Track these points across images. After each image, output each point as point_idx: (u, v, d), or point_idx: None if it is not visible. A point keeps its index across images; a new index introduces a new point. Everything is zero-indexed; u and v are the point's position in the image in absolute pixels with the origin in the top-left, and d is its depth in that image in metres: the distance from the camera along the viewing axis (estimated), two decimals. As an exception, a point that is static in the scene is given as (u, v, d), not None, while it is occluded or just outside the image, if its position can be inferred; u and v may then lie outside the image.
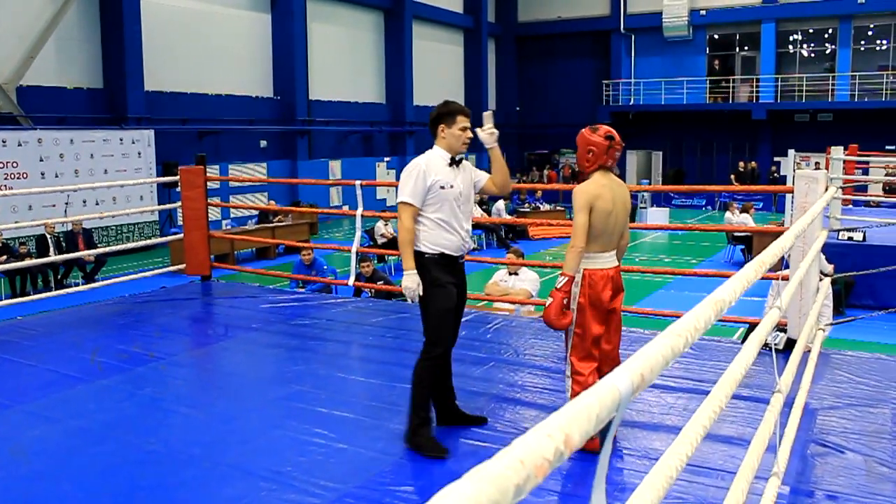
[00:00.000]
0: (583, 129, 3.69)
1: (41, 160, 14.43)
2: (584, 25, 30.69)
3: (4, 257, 11.45)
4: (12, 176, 13.93)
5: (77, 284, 11.71)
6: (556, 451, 0.77)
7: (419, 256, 3.64)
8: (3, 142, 13.83)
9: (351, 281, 7.10)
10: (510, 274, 7.69)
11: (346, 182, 7.29)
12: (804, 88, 27.15)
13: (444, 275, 3.64)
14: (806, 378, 3.91)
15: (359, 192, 6.70)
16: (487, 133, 3.74)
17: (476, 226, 16.76)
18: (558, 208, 21.21)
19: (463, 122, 3.68)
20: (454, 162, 3.71)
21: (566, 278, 3.48)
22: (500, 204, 18.26)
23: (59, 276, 12.30)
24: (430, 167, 3.64)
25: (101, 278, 12.05)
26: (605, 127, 3.66)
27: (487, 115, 3.80)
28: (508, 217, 17.76)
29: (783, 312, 2.60)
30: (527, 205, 20.18)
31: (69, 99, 16.19)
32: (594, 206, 3.50)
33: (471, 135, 3.73)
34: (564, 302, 3.49)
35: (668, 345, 1.17)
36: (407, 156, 26.08)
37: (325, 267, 9.72)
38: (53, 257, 10.61)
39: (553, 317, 3.46)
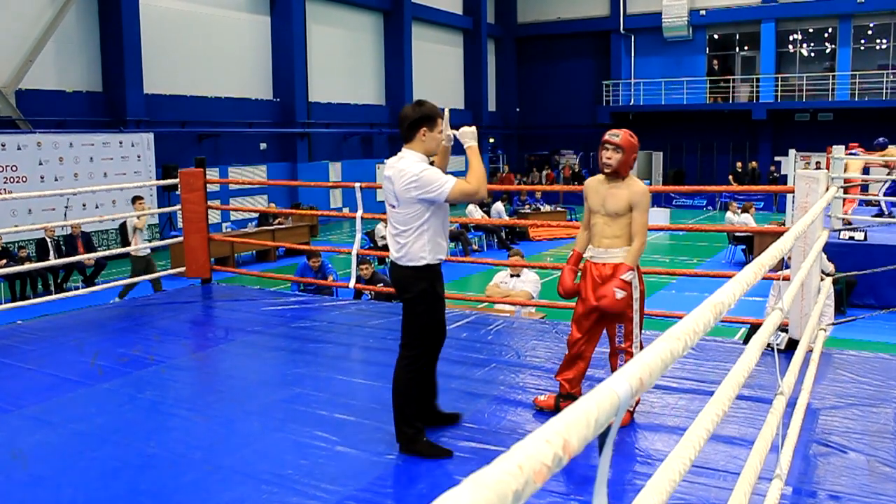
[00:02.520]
0: (625, 134, 3.85)
1: (40, 164, 14.43)
2: (584, 26, 30.70)
3: (4, 261, 11.44)
4: (11, 180, 13.94)
5: (77, 288, 11.70)
6: (554, 456, 0.76)
7: (425, 269, 3.54)
8: (3, 145, 13.82)
9: (352, 283, 7.10)
10: (511, 276, 7.68)
11: (346, 185, 7.29)
12: (804, 88, 27.15)
13: (441, 286, 3.65)
14: (808, 378, 3.90)
15: (358, 194, 6.69)
16: (471, 130, 3.63)
17: (476, 227, 16.76)
18: (559, 209, 21.20)
19: (440, 125, 3.61)
20: None
21: (635, 274, 3.79)
22: (500, 205, 18.26)
23: (58, 280, 12.29)
24: None
25: (100, 281, 12.04)
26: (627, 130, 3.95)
27: (447, 115, 3.68)
28: (509, 218, 17.75)
29: (785, 313, 2.59)
30: (527, 206, 20.17)
31: (68, 102, 16.19)
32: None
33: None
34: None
35: (666, 349, 1.16)
36: (407, 157, 26.01)
37: (329, 266, 9.71)
38: (53, 261, 10.60)
39: (625, 306, 3.75)
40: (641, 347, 3.87)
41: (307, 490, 3.21)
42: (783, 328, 4.90)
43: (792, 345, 4.53)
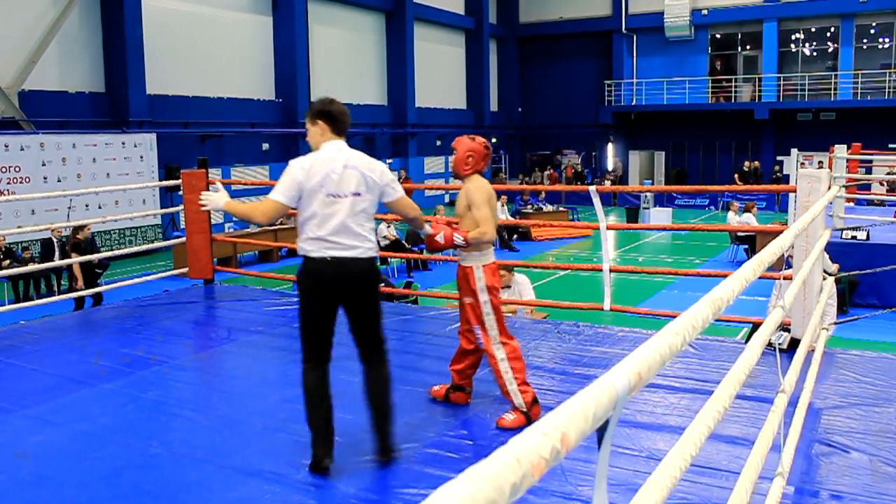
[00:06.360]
0: (461, 137, 4.03)
1: (43, 164, 14.46)
2: (586, 26, 30.70)
3: (7, 261, 11.47)
4: (14, 180, 13.96)
5: (80, 289, 11.70)
6: (552, 449, 0.77)
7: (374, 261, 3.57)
8: (6, 146, 13.85)
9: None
10: (504, 288, 7.65)
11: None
12: (806, 87, 27.13)
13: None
14: (810, 377, 3.90)
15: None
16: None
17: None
18: (561, 209, 21.20)
19: None
20: None
21: (463, 239, 3.85)
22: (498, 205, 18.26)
23: (62, 281, 12.31)
24: None
25: (103, 282, 12.05)
26: (481, 138, 4.05)
27: None
28: (511, 218, 17.74)
29: (787, 312, 2.59)
30: (529, 206, 20.16)
31: (71, 103, 16.22)
32: (490, 204, 3.93)
33: None
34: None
35: (665, 343, 1.17)
36: (409, 157, 26.07)
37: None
38: (57, 262, 10.62)
39: (447, 240, 3.89)
40: (505, 346, 3.89)
41: (309, 489, 3.22)
42: (785, 327, 4.90)
43: (794, 344, 4.53)
